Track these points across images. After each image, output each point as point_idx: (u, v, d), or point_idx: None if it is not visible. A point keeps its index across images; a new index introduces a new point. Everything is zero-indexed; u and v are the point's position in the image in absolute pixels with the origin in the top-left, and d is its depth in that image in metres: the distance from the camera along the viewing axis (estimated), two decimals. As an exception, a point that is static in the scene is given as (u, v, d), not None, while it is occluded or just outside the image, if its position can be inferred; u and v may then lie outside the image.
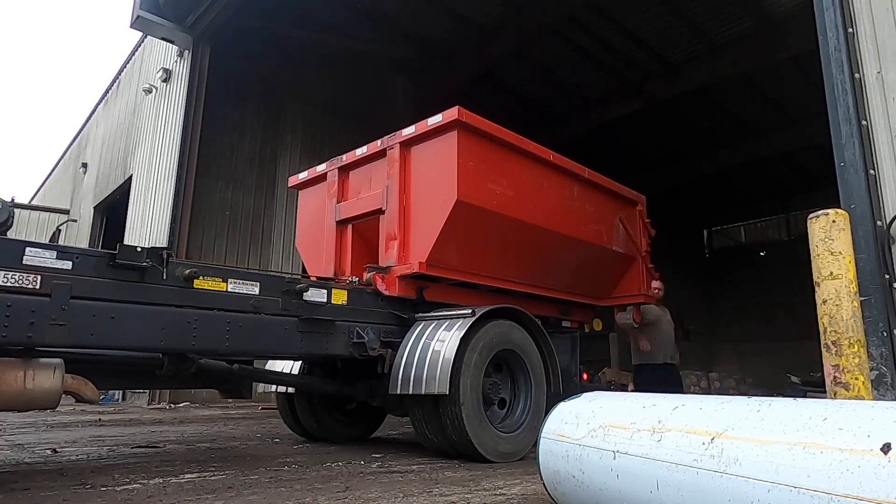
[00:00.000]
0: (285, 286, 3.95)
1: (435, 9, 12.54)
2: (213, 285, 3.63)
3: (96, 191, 15.92)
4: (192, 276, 3.53)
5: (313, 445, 4.88)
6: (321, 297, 4.11)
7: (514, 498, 2.88)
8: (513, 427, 4.32)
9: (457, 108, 4.42)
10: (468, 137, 4.52)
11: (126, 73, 15.14)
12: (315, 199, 5.69)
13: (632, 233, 6.34)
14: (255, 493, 2.90)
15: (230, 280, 3.71)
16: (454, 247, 4.61)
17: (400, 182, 4.72)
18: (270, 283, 3.93)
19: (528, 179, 5.10)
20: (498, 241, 4.93)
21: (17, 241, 3.01)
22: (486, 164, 4.66)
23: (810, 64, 5.42)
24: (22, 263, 2.95)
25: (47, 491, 2.89)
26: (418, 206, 4.66)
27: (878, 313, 3.56)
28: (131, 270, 3.30)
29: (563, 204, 5.49)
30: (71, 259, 3.11)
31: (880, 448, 1.28)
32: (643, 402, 2.07)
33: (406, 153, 4.78)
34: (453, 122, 4.42)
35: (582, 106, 15.55)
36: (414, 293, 4.66)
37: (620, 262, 6.35)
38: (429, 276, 4.65)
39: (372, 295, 4.51)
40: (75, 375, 3.25)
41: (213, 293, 3.62)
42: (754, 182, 21.08)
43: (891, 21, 3.91)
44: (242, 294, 3.73)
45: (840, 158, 3.92)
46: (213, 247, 11.62)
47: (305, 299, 3.99)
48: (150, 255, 3.36)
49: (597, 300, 6.43)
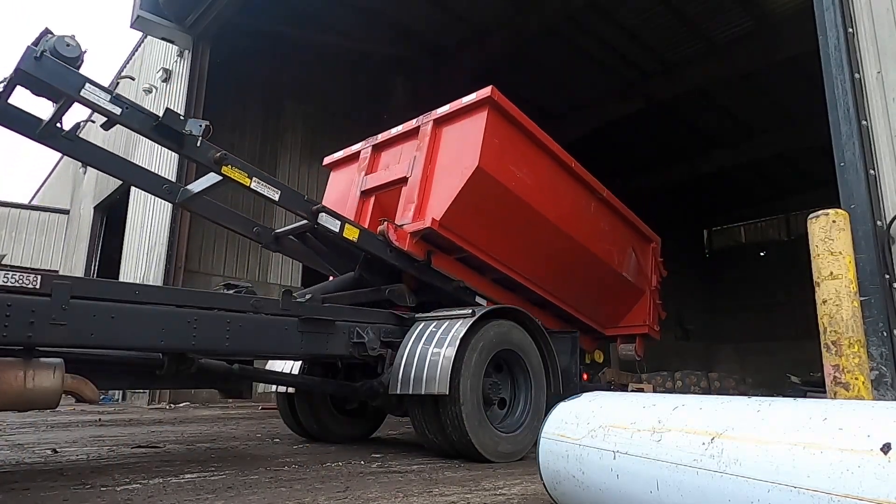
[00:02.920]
0: (305, 206, 4.05)
1: (435, 9, 12.54)
2: (239, 177, 3.75)
3: (96, 191, 15.92)
4: (223, 160, 3.66)
5: (313, 445, 4.88)
6: (334, 226, 4.19)
7: (514, 498, 2.88)
8: (513, 427, 4.31)
9: (490, 87, 4.61)
10: (497, 117, 4.69)
11: (126, 73, 15.13)
12: (345, 178, 5.75)
13: (643, 265, 6.34)
14: (255, 493, 2.90)
15: (254, 178, 3.82)
16: (468, 216, 4.66)
17: (427, 154, 4.85)
18: (291, 195, 4.04)
19: (548, 176, 5.19)
20: (510, 224, 4.97)
21: (81, 75, 3.17)
22: (511, 146, 4.80)
23: (810, 64, 5.42)
24: (79, 95, 3.15)
25: (47, 491, 2.89)
26: (441, 174, 4.77)
27: (878, 313, 3.56)
28: (171, 136, 3.48)
29: (579, 212, 5.53)
30: (122, 107, 3.32)
31: (880, 448, 1.28)
32: (643, 402, 2.07)
33: (438, 130, 4.94)
34: (485, 99, 4.60)
35: (582, 106, 15.55)
36: (422, 254, 4.64)
37: (628, 291, 6.30)
38: (438, 243, 4.67)
39: (382, 242, 4.49)
40: (75, 375, 3.25)
41: (214, 295, 3.61)
42: (754, 182, 21.08)
43: (891, 21, 3.91)
44: (263, 195, 3.85)
45: (840, 158, 3.92)
46: (213, 247, 11.63)
47: (319, 222, 4.07)
48: (191, 124, 3.53)
49: (601, 326, 6.35)
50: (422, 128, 5.01)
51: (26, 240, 18.58)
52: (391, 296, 4.65)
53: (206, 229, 11.45)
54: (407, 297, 4.67)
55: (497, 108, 4.67)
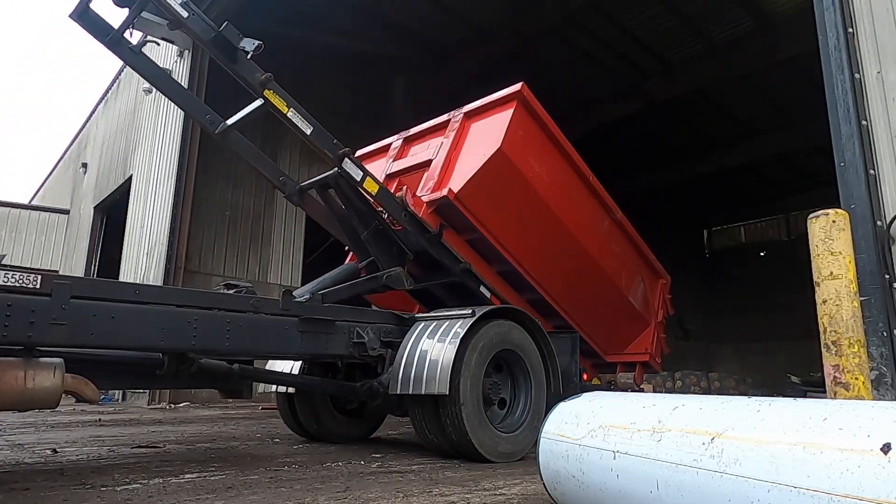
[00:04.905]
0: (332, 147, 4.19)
1: (435, 9, 12.53)
2: (278, 102, 3.97)
3: (96, 191, 15.92)
4: (266, 83, 3.89)
5: (313, 445, 4.88)
6: (356, 174, 4.34)
7: (514, 498, 2.88)
8: (513, 427, 4.31)
9: (521, 83, 4.87)
10: (524, 112, 4.93)
11: (126, 73, 15.13)
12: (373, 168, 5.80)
13: (650, 297, 6.35)
14: (255, 493, 2.90)
15: (292, 109, 4.03)
16: (484, 197, 4.75)
17: (454, 142, 5.05)
18: (322, 133, 4.17)
19: (566, 181, 5.36)
20: (523, 216, 5.04)
21: None
22: (534, 142, 5.02)
23: (810, 64, 5.42)
24: None
25: (47, 491, 2.89)
26: (464, 156, 4.95)
27: (878, 313, 3.56)
28: (225, 50, 3.72)
29: (593, 225, 5.59)
30: (189, 12, 3.62)
31: (880, 448, 1.28)
32: (643, 402, 2.07)
33: (466, 123, 5.17)
34: (515, 93, 4.86)
35: (581, 106, 15.54)
36: (435, 225, 4.71)
37: (634, 318, 6.29)
38: (452, 221, 4.75)
39: (398, 203, 4.59)
40: (75, 375, 3.25)
41: (215, 295, 3.62)
42: (754, 182, 21.06)
43: (891, 21, 3.91)
44: (297, 126, 4.05)
45: (840, 158, 3.93)
46: (213, 247, 11.63)
47: (343, 167, 4.22)
48: (246, 42, 3.77)
49: (602, 351, 6.32)
50: (452, 121, 5.24)
51: (26, 240, 18.58)
52: (389, 281, 4.63)
53: (206, 229, 11.46)
54: (405, 280, 4.68)
55: (525, 103, 4.91)
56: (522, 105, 4.89)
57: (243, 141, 4.64)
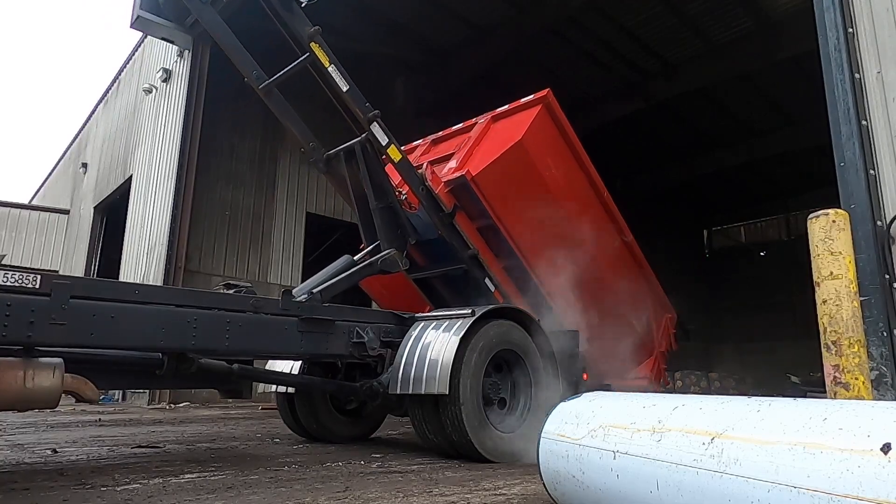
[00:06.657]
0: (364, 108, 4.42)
1: (435, 9, 12.53)
2: (321, 56, 4.24)
3: (96, 191, 15.91)
4: (314, 36, 4.15)
5: (313, 445, 4.88)
6: (383, 139, 4.52)
7: (514, 498, 2.88)
8: (513, 427, 4.31)
9: (547, 89, 5.08)
10: (547, 116, 5.18)
11: (126, 73, 15.13)
12: None
13: (655, 326, 6.36)
14: (255, 493, 2.90)
15: (333, 64, 4.32)
16: (500, 186, 4.92)
17: (478, 136, 5.28)
18: (357, 93, 4.41)
19: (580, 188, 5.54)
20: (536, 212, 5.10)
21: None
22: (553, 145, 5.24)
23: (810, 64, 5.42)
24: None
25: (47, 491, 2.89)
26: (485, 147, 5.17)
27: (878, 313, 3.56)
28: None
29: (603, 238, 5.68)
30: None
31: (880, 448, 1.28)
32: (643, 402, 2.07)
33: (492, 124, 5.41)
34: (541, 98, 5.16)
35: (582, 106, 15.54)
36: (449, 204, 4.86)
37: (636, 343, 6.27)
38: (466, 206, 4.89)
39: (417, 177, 4.76)
40: (75, 375, 3.25)
41: (214, 295, 3.62)
42: (754, 182, 21.06)
43: (891, 21, 3.91)
44: (334, 82, 4.35)
45: (840, 158, 3.92)
46: (213, 247, 11.63)
47: (371, 129, 4.43)
48: None
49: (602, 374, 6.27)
50: (478, 123, 5.47)
51: (26, 240, 18.57)
52: (384, 265, 4.69)
53: (206, 229, 11.45)
54: (399, 262, 4.74)
55: (549, 108, 5.15)
56: (547, 109, 5.10)
57: (281, 100, 4.82)
